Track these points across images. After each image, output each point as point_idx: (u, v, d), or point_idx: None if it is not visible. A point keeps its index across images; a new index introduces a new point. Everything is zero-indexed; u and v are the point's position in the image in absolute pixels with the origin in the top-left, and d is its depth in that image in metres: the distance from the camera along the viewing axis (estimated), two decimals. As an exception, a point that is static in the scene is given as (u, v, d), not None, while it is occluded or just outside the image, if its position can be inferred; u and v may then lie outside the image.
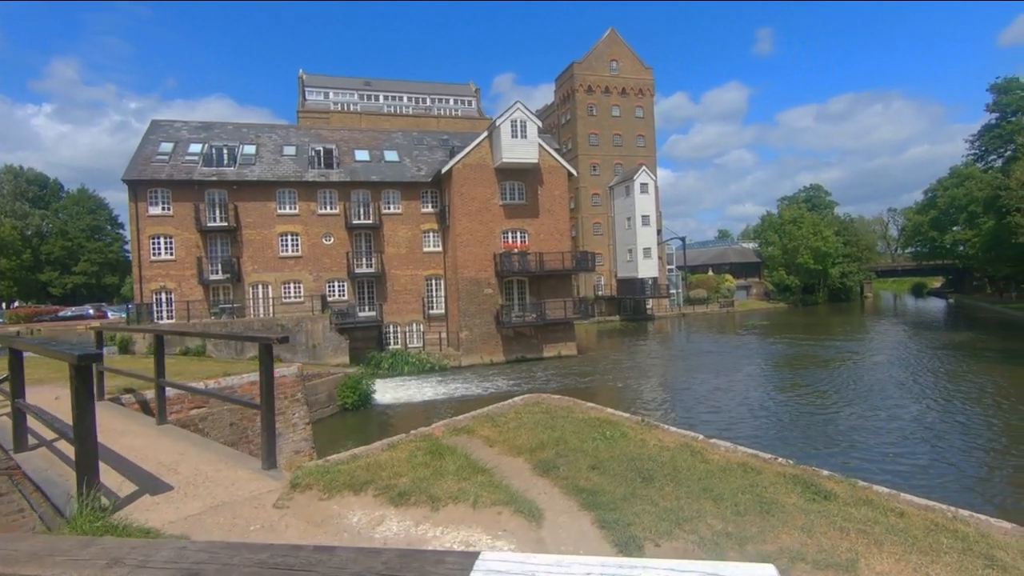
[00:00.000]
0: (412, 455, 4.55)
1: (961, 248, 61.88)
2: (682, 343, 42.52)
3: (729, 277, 72.22)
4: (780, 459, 4.82)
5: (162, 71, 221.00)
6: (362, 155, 34.89)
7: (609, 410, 6.14)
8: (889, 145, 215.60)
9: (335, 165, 33.34)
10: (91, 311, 49.94)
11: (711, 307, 65.60)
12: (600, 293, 58.67)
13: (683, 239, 66.25)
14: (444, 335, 33.15)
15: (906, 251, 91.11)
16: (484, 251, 31.36)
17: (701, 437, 5.27)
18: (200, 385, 9.10)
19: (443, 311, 33.84)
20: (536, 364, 30.78)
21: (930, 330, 42.59)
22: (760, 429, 16.35)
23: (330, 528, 3.50)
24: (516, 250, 31.66)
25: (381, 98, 67.35)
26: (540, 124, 32.21)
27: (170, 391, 8.87)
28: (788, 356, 31.39)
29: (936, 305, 69.41)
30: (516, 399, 6.68)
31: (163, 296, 30.02)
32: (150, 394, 8.56)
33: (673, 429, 5.51)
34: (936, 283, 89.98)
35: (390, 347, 32.48)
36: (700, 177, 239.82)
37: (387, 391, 24.07)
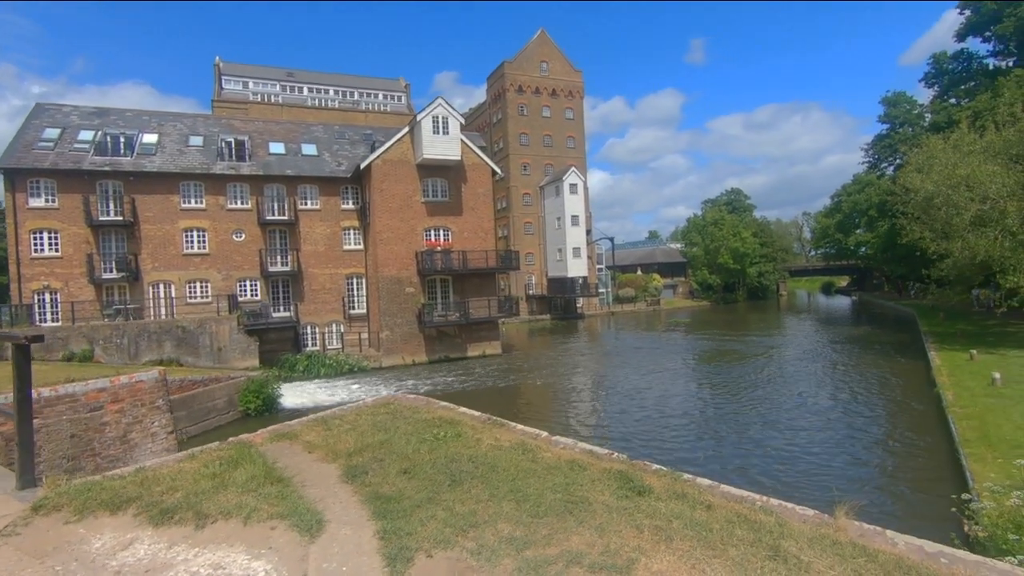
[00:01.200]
0: (206, 465, 4.07)
1: (863, 249, 66.76)
2: (610, 340, 43.36)
3: (656, 276, 74.65)
4: (616, 454, 4.70)
5: (70, 52, 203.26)
6: (277, 148, 33.23)
7: (462, 409, 5.86)
8: (808, 153, 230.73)
9: (247, 158, 31.55)
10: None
11: (639, 305, 67.50)
12: (531, 292, 59.03)
13: (612, 239, 67.82)
14: (365, 336, 32.13)
15: (817, 252, 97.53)
16: (405, 249, 30.63)
17: (544, 435, 5.08)
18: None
19: (364, 311, 32.80)
20: (459, 364, 30.38)
21: (834, 325, 45.65)
22: (667, 425, 16.72)
23: (61, 556, 2.98)
24: (439, 248, 31.12)
25: (305, 90, 64.72)
26: (463, 120, 31.80)
27: (-9, 401, 7.85)
28: (708, 351, 32.62)
29: (842, 302, 74.67)
30: (369, 400, 6.28)
31: (47, 296, 27.34)
32: (-36, 405, 7.52)
33: (519, 427, 5.30)
34: (843, 282, 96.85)
35: (307, 349, 31.12)
36: (636, 180, 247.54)
37: (297, 395, 22.94)
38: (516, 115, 59.63)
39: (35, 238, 27.25)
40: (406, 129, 31.37)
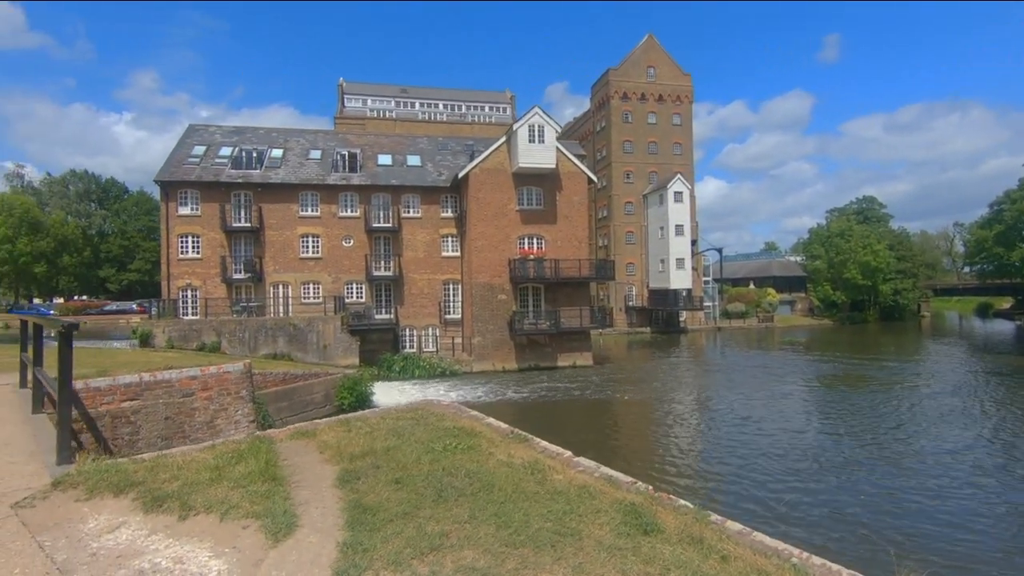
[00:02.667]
0: (217, 457, 4.20)
1: (1031, 266, 57.15)
2: (714, 357, 40.77)
3: (771, 291, 69.23)
4: (639, 484, 4.19)
5: (231, 81, 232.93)
6: (385, 159, 35.30)
7: (488, 421, 5.60)
8: (963, 156, 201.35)
9: (358, 169, 33.84)
10: (134, 306, 52.57)
11: (750, 322, 62.95)
12: (631, 303, 57.31)
13: (720, 250, 63.98)
14: (459, 340, 32.95)
15: (971, 269, 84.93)
16: (499, 256, 31.02)
17: (567, 455, 4.69)
18: (133, 377, 9.04)
19: (459, 316, 33.66)
20: (548, 373, 30.09)
21: (993, 354, 39.15)
22: (761, 457, 15.15)
23: (55, 533, 3.16)
24: (532, 256, 31.16)
25: (417, 105, 68.41)
26: (559, 129, 31.66)
27: (101, 382, 8.86)
28: (828, 376, 29.48)
29: (1003, 327, 64.17)
30: (402, 404, 6.24)
31: (188, 293, 31.11)
32: (80, 383, 8.56)
33: (542, 444, 4.94)
34: (1004, 304, 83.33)
35: (404, 350, 32.53)
36: (755, 188, 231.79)
37: (390, 394, 23.94)
38: (620, 122, 58.47)
39: (182, 242, 31.17)
40: (503, 139, 31.88)
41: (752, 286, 71.45)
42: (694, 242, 57.58)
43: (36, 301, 69.37)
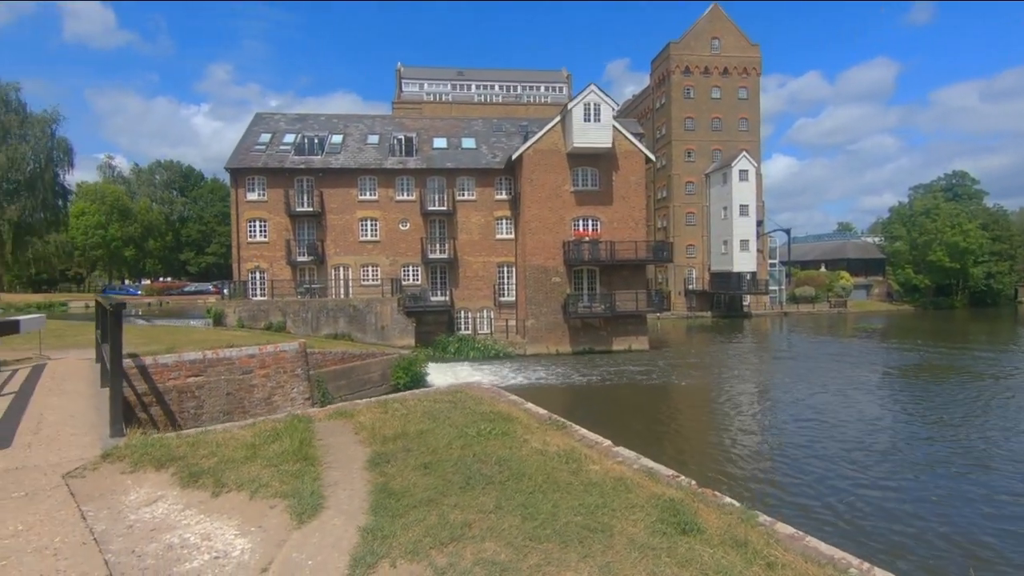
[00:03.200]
0: (256, 435, 4.28)
1: None
2: (779, 344, 38.91)
3: (845, 274, 65.13)
4: (681, 478, 3.94)
5: (297, 70, 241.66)
6: (440, 142, 35.51)
7: (527, 406, 5.45)
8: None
9: (414, 152, 34.23)
10: (210, 287, 55.97)
11: (820, 306, 59.62)
12: (691, 287, 55.51)
13: (788, 231, 60.72)
14: (512, 323, 33.00)
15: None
16: (553, 239, 30.67)
17: (606, 444, 4.48)
18: (197, 355, 9.48)
19: (513, 299, 33.68)
20: (602, 357, 29.68)
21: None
22: (829, 451, 14.28)
23: (97, 504, 3.30)
24: (587, 238, 30.61)
25: (473, 87, 68.30)
26: (615, 106, 30.70)
27: (168, 358, 9.35)
28: (908, 366, 27.48)
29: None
30: (443, 387, 6.18)
31: (257, 275, 32.70)
32: (150, 360, 9.07)
33: (581, 432, 4.74)
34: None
35: (459, 332, 32.95)
36: (829, 165, 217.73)
37: (444, 374, 24.33)
38: (681, 98, 56.11)
39: (250, 226, 32.71)
40: (557, 118, 31.29)
41: (823, 269, 67.51)
42: (760, 223, 54.84)
43: (127, 282, 75.22)
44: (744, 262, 51.72)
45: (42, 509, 3.14)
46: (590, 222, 31.19)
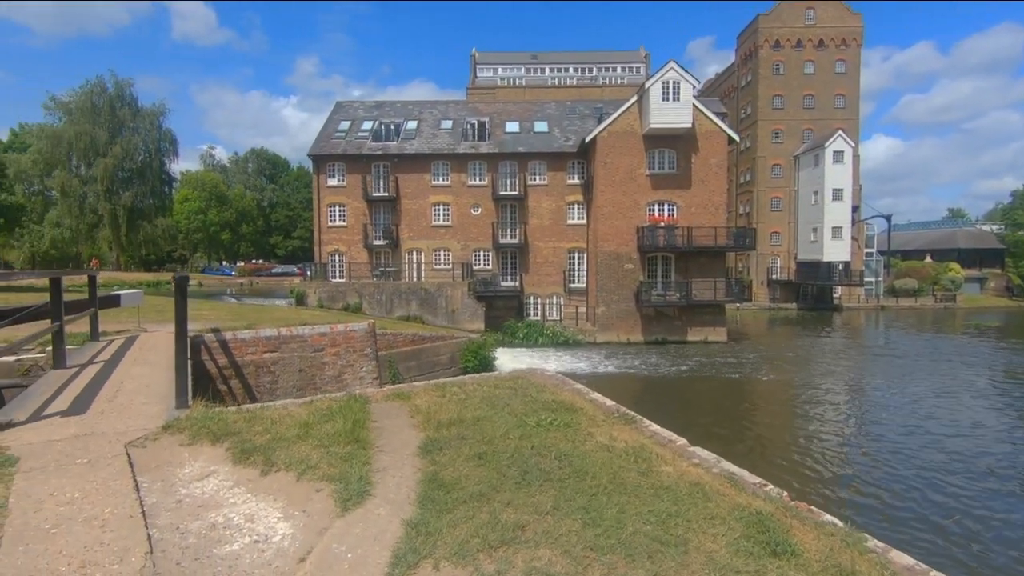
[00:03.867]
0: (311, 413, 4.18)
1: None
2: (876, 340, 35.80)
3: (955, 266, 58.95)
4: (769, 487, 3.44)
5: (378, 61, 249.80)
6: (512, 126, 35.23)
7: (593, 396, 5.05)
8: None
9: (486, 137, 34.18)
10: (295, 269, 59.18)
11: (924, 301, 54.37)
12: (775, 276, 52.27)
13: (888, 218, 55.63)
14: (583, 310, 32.40)
15: None
16: (627, 224, 29.67)
17: (680, 442, 4.02)
18: (273, 331, 9.78)
19: (583, 285, 33.03)
20: (676, 348, 28.50)
21: None
22: (936, 470, 12.77)
23: (153, 475, 3.29)
24: (662, 224, 29.36)
25: (547, 70, 67.29)
26: (696, 83, 29.04)
27: (247, 334, 9.70)
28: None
29: None
30: (504, 372, 5.90)
31: (336, 258, 34.06)
32: (230, 335, 9.44)
33: (651, 427, 4.30)
34: None
35: (528, 318, 32.81)
36: (939, 145, 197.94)
37: (511, 359, 24.26)
38: (769, 75, 52.45)
39: (330, 211, 34.05)
40: (633, 99, 30.05)
41: (929, 259, 61.42)
42: (855, 208, 50.56)
43: (224, 264, 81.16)
44: (836, 251, 47.98)
45: (100, 477, 3.16)
46: (666, 207, 29.87)
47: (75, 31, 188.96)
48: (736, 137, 31.13)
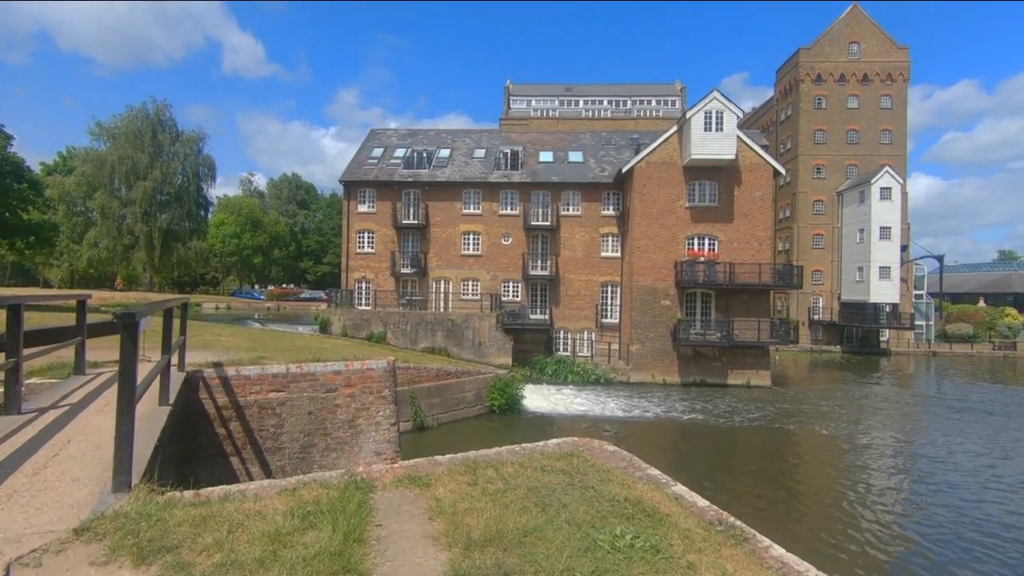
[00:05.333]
0: (293, 510, 2.97)
1: None
2: (929, 389, 33.07)
3: (1012, 311, 55.31)
4: None
5: (415, 94, 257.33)
6: (546, 156, 34.49)
7: (676, 488, 3.71)
8: None
9: (519, 166, 33.47)
10: (323, 295, 59.01)
11: (979, 347, 50.84)
12: (816, 317, 49.68)
13: (940, 259, 52.69)
14: (615, 347, 30.80)
15: None
16: (664, 258, 28.25)
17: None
18: (281, 368, 8.71)
19: (616, 321, 31.51)
20: (717, 391, 26.60)
21: None
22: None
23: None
24: (702, 258, 27.85)
25: (580, 102, 67.10)
26: (740, 114, 27.84)
27: (251, 370, 8.64)
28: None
29: None
30: (550, 442, 4.61)
31: (363, 285, 33.37)
32: (232, 371, 8.40)
33: (776, 554, 2.95)
34: None
35: (558, 353, 31.35)
36: (984, 185, 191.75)
37: (541, 398, 22.83)
38: (811, 109, 50.98)
39: (359, 237, 33.56)
40: (674, 128, 28.99)
41: (982, 303, 57.89)
42: (904, 248, 48.04)
43: (255, 287, 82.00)
44: (883, 292, 45.36)
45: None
46: (706, 241, 28.40)
47: (136, 63, 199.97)
48: (782, 170, 29.68)
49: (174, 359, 8.23)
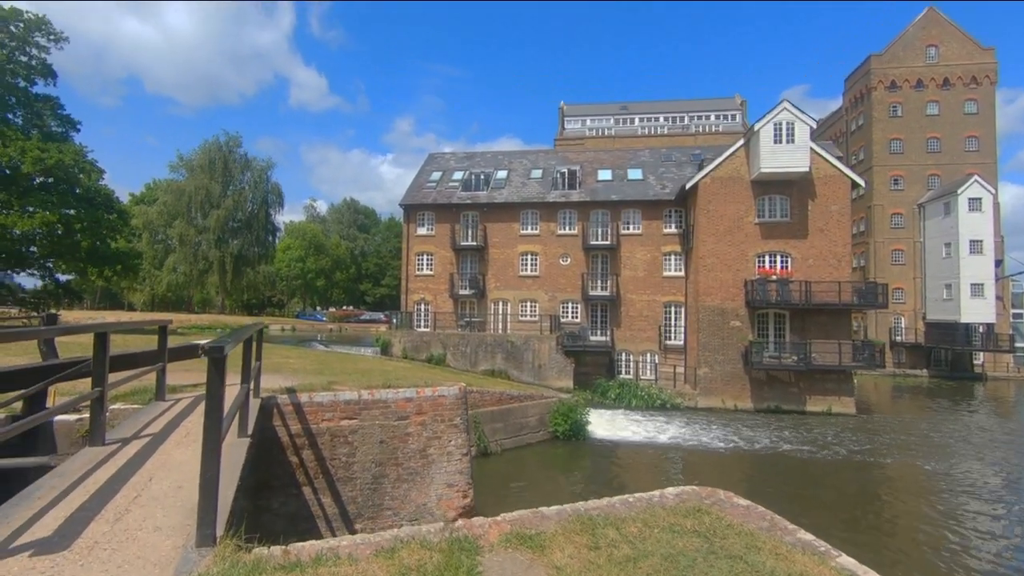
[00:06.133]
0: (394, 574, 2.52)
1: None
2: (1035, 419, 29.75)
3: None
4: None
5: (467, 120, 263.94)
6: (605, 174, 33.92)
7: (843, 560, 3.04)
8: None
9: (577, 186, 33.05)
10: (382, 316, 60.17)
11: (1092, 372, 45.60)
12: (898, 338, 46.13)
13: (1042, 274, 47.99)
14: (681, 370, 29.44)
15: None
16: (733, 277, 26.90)
17: None
18: (353, 395, 8.49)
19: (681, 343, 30.18)
20: (794, 418, 24.79)
21: None
22: None
23: None
24: (774, 277, 26.32)
25: (636, 120, 66.23)
26: (814, 124, 26.40)
27: (324, 397, 8.46)
28: None
29: None
30: (668, 492, 4.00)
31: (422, 307, 33.60)
32: (305, 397, 8.24)
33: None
34: None
35: (620, 376, 30.30)
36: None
37: (605, 424, 21.90)
38: (885, 118, 48.17)
39: (419, 259, 33.91)
40: (740, 142, 27.82)
41: (1093, 323, 52.15)
42: (999, 263, 44.06)
43: (317, 309, 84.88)
44: (977, 311, 41.64)
45: None
46: (778, 258, 26.87)
47: (212, 100, 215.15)
48: (861, 182, 27.84)
49: (265, 381, 8.15)
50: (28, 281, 29.65)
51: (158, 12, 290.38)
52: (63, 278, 28.64)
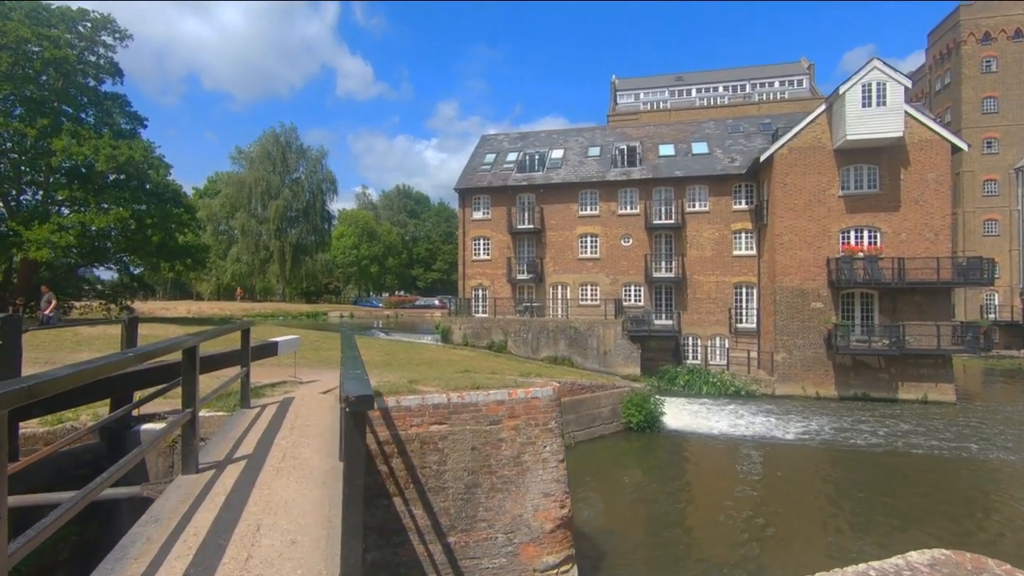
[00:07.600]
0: None
1: None
2: None
3: None
4: None
5: (511, 101, 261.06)
6: (667, 150, 32.16)
7: None
8: None
9: (638, 162, 31.49)
10: (436, 302, 60.42)
11: None
12: (993, 316, 42.34)
13: None
14: (754, 355, 27.78)
15: None
16: (813, 255, 24.96)
17: None
18: (441, 398, 7.86)
19: (754, 325, 28.47)
20: (884, 407, 22.90)
21: None
22: None
23: None
24: (861, 254, 24.22)
25: (693, 91, 63.02)
26: (909, 84, 23.88)
27: (411, 401, 7.88)
28: None
29: None
30: (914, 560, 3.07)
31: (479, 292, 33.11)
32: (392, 401, 7.67)
33: None
34: None
35: (687, 362, 28.97)
36: None
37: (678, 413, 20.80)
38: (976, 74, 43.75)
39: (475, 244, 33.35)
40: (821, 108, 25.56)
41: None
42: (1113, 231, 39.51)
43: (372, 295, 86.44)
44: (1087, 285, 37.55)
45: None
46: (866, 233, 24.69)
47: (263, 94, 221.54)
48: (964, 146, 25.15)
49: (337, 377, 7.60)
50: (105, 274, 30.90)
51: (214, 11, 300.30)
52: (136, 271, 29.70)
